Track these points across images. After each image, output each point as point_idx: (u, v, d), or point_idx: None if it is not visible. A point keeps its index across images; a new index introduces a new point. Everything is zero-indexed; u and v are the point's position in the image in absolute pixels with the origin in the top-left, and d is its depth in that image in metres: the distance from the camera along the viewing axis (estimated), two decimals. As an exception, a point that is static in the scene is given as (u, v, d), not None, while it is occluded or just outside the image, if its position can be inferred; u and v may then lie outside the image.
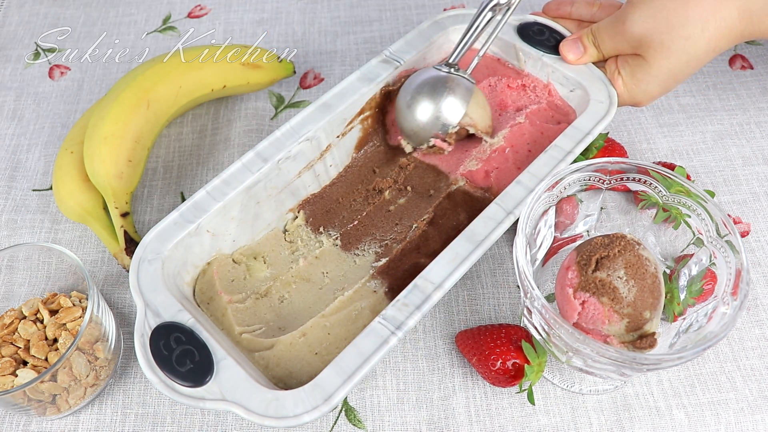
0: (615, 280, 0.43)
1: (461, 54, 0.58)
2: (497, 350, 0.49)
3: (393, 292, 0.52)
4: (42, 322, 0.52)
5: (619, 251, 0.44)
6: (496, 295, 0.56)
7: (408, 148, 0.60)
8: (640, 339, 0.44)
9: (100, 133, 0.58)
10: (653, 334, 0.44)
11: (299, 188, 0.57)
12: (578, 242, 0.52)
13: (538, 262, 0.51)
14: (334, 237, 0.57)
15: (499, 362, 0.48)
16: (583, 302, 0.43)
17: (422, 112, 0.57)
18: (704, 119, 0.67)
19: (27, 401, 0.47)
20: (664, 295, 0.44)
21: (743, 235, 0.59)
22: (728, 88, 0.69)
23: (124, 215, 0.58)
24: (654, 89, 0.55)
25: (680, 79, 0.55)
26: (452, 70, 0.57)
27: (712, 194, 0.59)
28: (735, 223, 0.59)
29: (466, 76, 0.57)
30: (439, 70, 0.58)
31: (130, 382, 0.53)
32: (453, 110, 0.56)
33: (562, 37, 0.60)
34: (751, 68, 0.71)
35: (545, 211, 0.49)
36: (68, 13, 0.82)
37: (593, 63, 0.58)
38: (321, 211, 0.58)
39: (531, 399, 0.48)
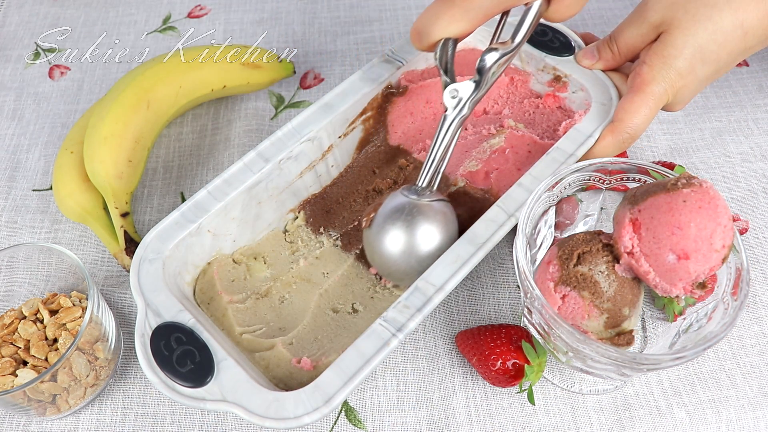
0: (596, 274, 0.43)
1: (427, 177, 0.51)
2: (497, 350, 0.49)
3: (393, 292, 0.52)
4: (42, 322, 0.52)
5: (601, 247, 0.44)
6: (496, 295, 0.56)
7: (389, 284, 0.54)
8: (618, 336, 0.44)
9: (100, 133, 0.58)
10: (631, 332, 0.44)
11: (300, 189, 0.57)
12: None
13: (538, 262, 0.51)
14: (334, 237, 0.57)
15: (499, 362, 0.48)
16: (564, 296, 0.43)
17: (393, 244, 0.50)
18: (702, 116, 0.67)
19: (27, 401, 0.48)
20: (643, 294, 0.45)
21: (742, 232, 0.59)
22: (725, 85, 0.69)
23: (124, 215, 0.58)
24: (682, 64, 0.52)
25: (707, 56, 0.52)
26: (420, 196, 0.51)
27: (711, 194, 0.59)
28: (734, 220, 0.59)
29: (438, 198, 0.51)
30: (407, 196, 0.51)
31: (130, 382, 0.53)
32: (429, 239, 0.50)
33: (566, 38, 0.60)
34: (747, 65, 0.71)
35: (545, 211, 0.49)
36: (68, 13, 0.82)
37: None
38: (321, 211, 0.58)
39: (531, 399, 0.48)
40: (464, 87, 0.50)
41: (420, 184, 0.51)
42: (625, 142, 0.53)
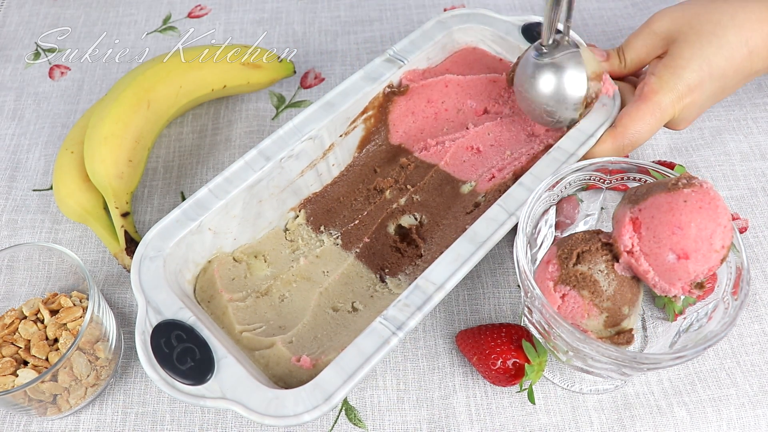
0: (596, 273, 0.43)
1: (553, 34, 0.54)
2: (498, 349, 0.49)
3: (393, 291, 0.52)
4: (42, 322, 0.52)
5: (600, 246, 0.44)
6: (497, 294, 0.56)
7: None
8: (618, 335, 0.44)
9: (100, 133, 0.58)
10: (630, 330, 0.44)
11: (301, 187, 0.58)
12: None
13: (538, 262, 0.51)
14: (335, 236, 0.57)
15: (499, 361, 0.48)
16: (563, 295, 0.43)
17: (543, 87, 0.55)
18: (702, 115, 0.67)
19: (28, 401, 0.47)
20: (642, 293, 0.45)
21: (741, 231, 0.59)
22: (726, 85, 0.69)
23: (125, 215, 0.58)
24: (690, 76, 0.52)
25: (714, 70, 0.52)
26: (555, 50, 0.55)
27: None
28: (733, 219, 0.59)
29: (571, 48, 0.55)
30: (541, 54, 0.55)
31: (131, 382, 0.53)
32: (578, 85, 0.55)
33: None
34: None
35: (546, 211, 0.49)
36: (68, 13, 0.82)
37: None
38: (322, 210, 0.58)
39: (531, 398, 0.48)
40: None
41: (547, 43, 0.54)
42: (625, 149, 0.54)
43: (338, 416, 0.51)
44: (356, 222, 0.57)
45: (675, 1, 0.75)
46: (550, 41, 0.54)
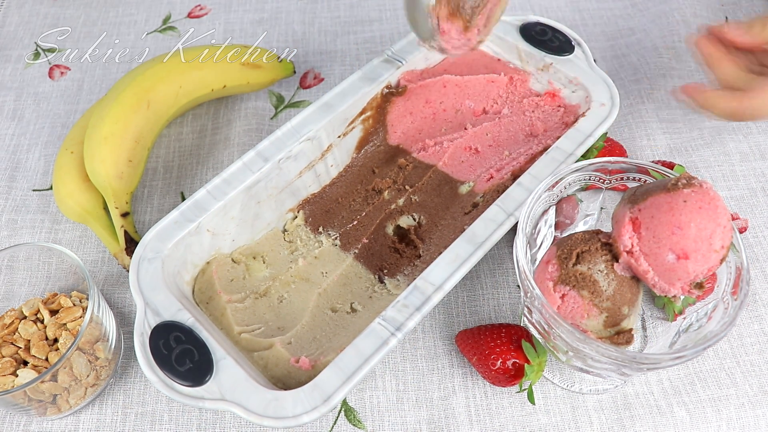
0: (595, 273, 0.43)
1: None
2: (497, 350, 0.49)
3: (392, 291, 0.52)
4: (42, 322, 0.52)
5: (600, 246, 0.44)
6: (496, 295, 0.56)
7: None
8: (617, 335, 0.44)
9: (100, 133, 0.58)
10: (630, 330, 0.44)
11: (300, 188, 0.58)
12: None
13: (538, 262, 0.51)
14: (333, 237, 0.57)
15: (499, 362, 0.48)
16: (563, 295, 0.43)
17: None
18: (701, 115, 0.66)
19: (27, 401, 0.48)
20: (642, 293, 0.45)
21: (741, 231, 0.59)
22: (725, 84, 0.69)
23: (125, 215, 0.58)
24: None
25: None
26: None
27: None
28: (733, 219, 0.59)
29: None
30: None
31: (131, 382, 0.53)
32: None
33: (565, 37, 0.60)
34: None
35: (545, 211, 0.49)
36: (68, 13, 0.82)
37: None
38: (320, 211, 0.58)
39: (531, 398, 0.48)
40: None
41: None
42: (744, 115, 0.51)
43: (337, 417, 0.51)
44: (355, 223, 0.57)
45: (675, 1, 0.75)
46: None
